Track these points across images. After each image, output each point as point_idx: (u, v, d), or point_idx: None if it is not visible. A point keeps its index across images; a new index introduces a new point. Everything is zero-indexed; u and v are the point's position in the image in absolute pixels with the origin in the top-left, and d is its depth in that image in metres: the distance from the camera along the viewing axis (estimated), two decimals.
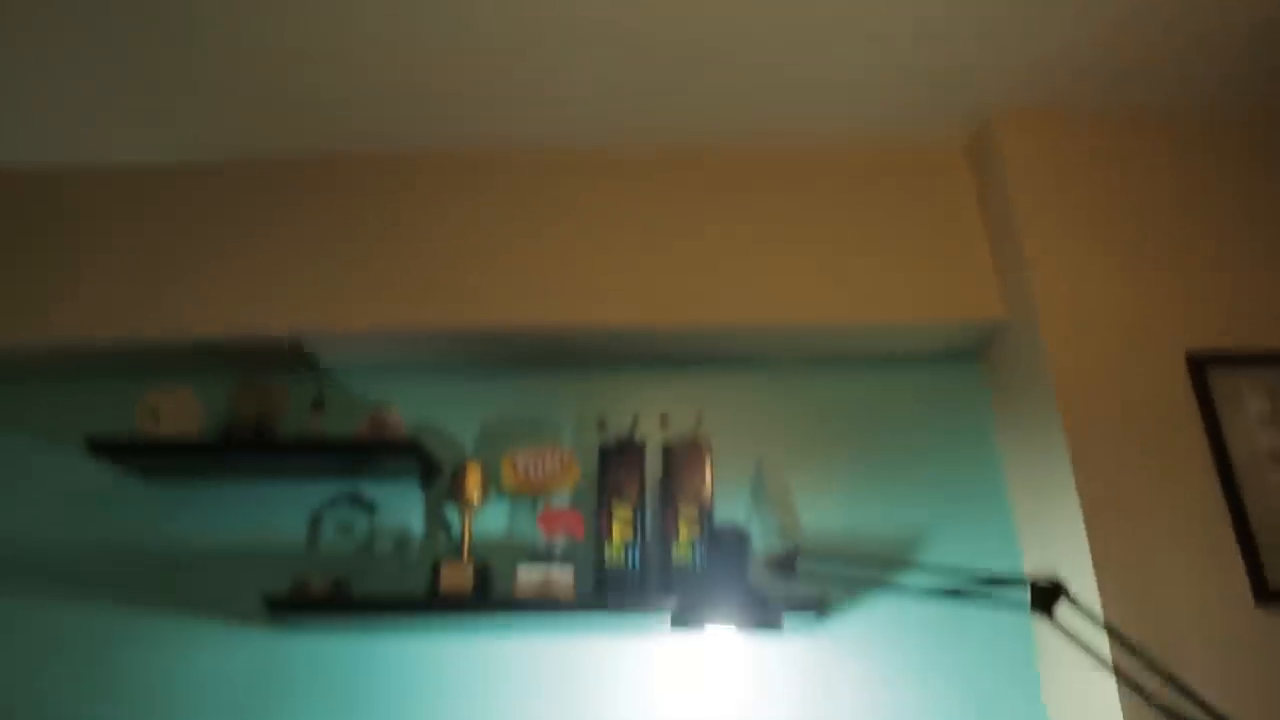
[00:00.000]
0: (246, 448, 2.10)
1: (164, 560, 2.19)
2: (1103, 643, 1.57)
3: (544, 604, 1.92)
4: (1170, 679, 1.48)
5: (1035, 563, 1.59)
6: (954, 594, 1.64)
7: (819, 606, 1.91)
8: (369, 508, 2.21)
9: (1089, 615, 1.56)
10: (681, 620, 1.67)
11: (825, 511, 2.19)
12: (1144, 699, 1.50)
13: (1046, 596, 1.56)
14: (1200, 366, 2.03)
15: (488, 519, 2.19)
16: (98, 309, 2.25)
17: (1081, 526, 1.88)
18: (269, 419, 2.16)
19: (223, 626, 2.14)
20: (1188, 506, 1.92)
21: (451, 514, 2.19)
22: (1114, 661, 1.54)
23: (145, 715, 2.08)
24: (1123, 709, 1.76)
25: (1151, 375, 2.03)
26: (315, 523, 2.21)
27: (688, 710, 2.08)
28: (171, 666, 2.12)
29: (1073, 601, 1.56)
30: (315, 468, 2.19)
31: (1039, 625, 2.08)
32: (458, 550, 2.06)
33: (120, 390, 2.37)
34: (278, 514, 2.23)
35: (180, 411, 2.15)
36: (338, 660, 2.13)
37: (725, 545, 1.67)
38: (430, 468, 2.19)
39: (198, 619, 2.15)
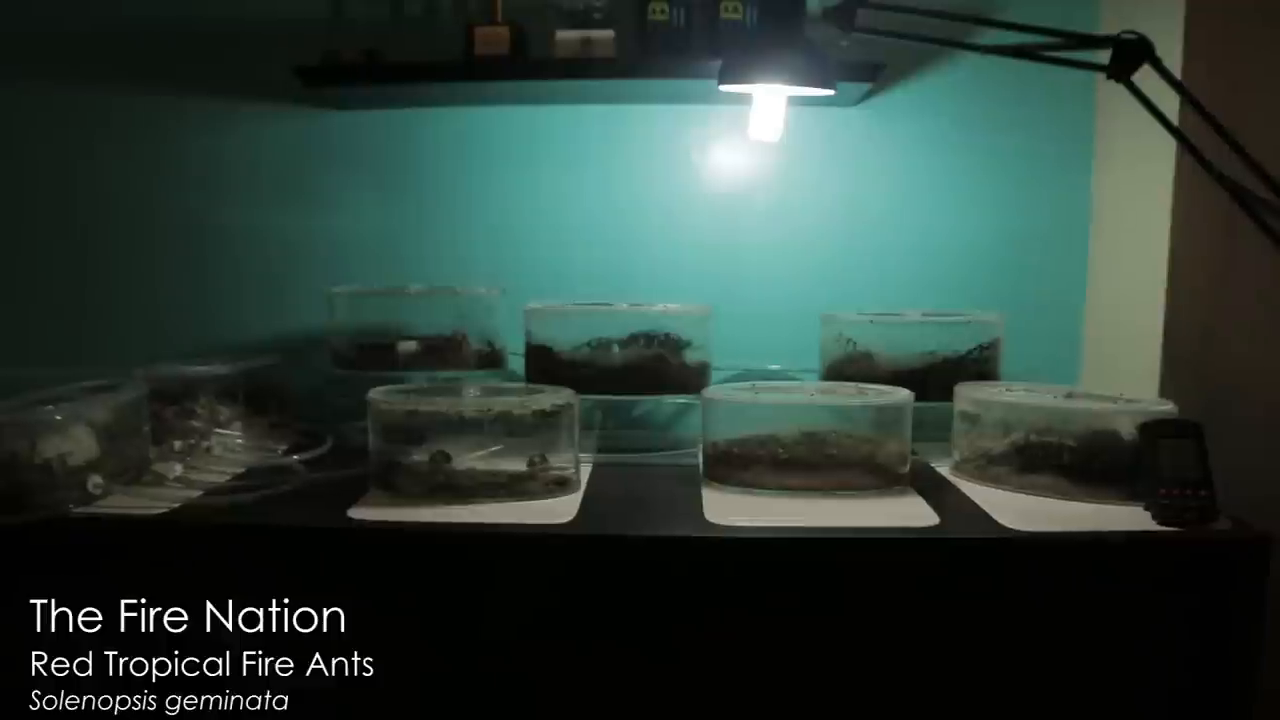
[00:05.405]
0: None
1: (187, 39, 2.09)
2: (1174, 113, 1.50)
3: (585, 65, 1.83)
4: (1239, 150, 1.42)
5: (1112, 28, 1.47)
6: (1025, 54, 1.54)
7: (875, 71, 1.81)
8: None
9: (1169, 79, 1.46)
10: (729, 76, 1.58)
11: None
12: (1206, 169, 1.47)
13: (1129, 56, 1.46)
14: None
15: None
16: None
17: None
18: None
19: (256, 105, 2.10)
20: None
21: None
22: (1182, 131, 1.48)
23: (196, 195, 2.13)
24: (1175, 181, 1.75)
25: None
26: None
27: (733, 178, 2.09)
28: (212, 145, 2.12)
29: (1155, 63, 1.46)
30: None
31: (1104, 94, 1.98)
32: (490, 14, 1.93)
33: None
34: None
35: None
36: (376, 134, 2.11)
37: None
38: None
39: (231, 98, 2.10)
